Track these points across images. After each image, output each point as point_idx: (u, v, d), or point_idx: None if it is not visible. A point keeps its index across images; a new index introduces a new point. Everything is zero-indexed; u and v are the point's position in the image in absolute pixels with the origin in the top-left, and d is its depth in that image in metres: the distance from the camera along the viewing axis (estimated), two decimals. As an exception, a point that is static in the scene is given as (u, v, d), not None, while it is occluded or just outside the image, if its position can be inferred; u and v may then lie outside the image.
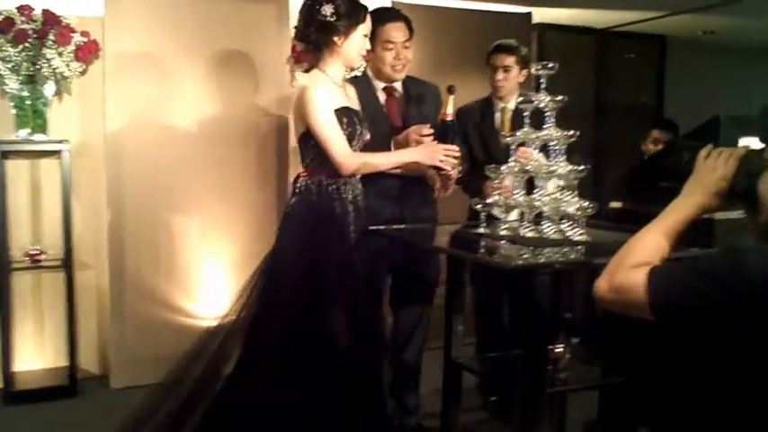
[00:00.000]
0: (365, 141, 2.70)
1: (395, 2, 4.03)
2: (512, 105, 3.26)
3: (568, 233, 2.32)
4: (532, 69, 2.52)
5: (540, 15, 4.85)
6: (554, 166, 2.37)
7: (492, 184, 2.61)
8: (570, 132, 2.38)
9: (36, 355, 3.73)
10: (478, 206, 2.56)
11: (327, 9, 2.51)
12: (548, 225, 2.35)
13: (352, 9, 2.56)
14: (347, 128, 2.56)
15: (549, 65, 2.43)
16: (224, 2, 3.81)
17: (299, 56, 3.68)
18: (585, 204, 2.32)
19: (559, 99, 2.40)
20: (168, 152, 3.72)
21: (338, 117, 2.54)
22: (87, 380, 3.72)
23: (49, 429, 3.23)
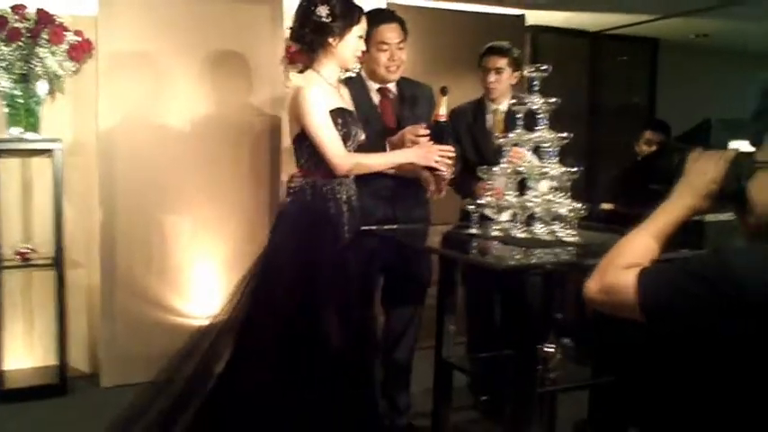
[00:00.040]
0: (360, 142, 2.70)
1: (389, 3, 4.04)
2: (504, 107, 3.26)
3: (560, 234, 2.33)
4: (526, 72, 2.52)
5: (534, 18, 4.87)
6: (546, 168, 2.38)
7: (484, 185, 2.62)
8: (563, 134, 2.39)
9: (26, 353, 3.72)
10: (471, 207, 2.57)
11: (323, 10, 2.51)
12: (539, 226, 2.36)
13: (348, 10, 2.56)
14: (342, 128, 2.56)
15: (543, 67, 2.44)
16: (218, 2, 3.81)
17: (293, 56, 3.69)
18: (577, 206, 2.33)
19: (553, 101, 2.41)
20: (161, 152, 3.71)
21: (333, 118, 2.54)
22: (77, 378, 3.71)
23: (39, 428, 3.22)
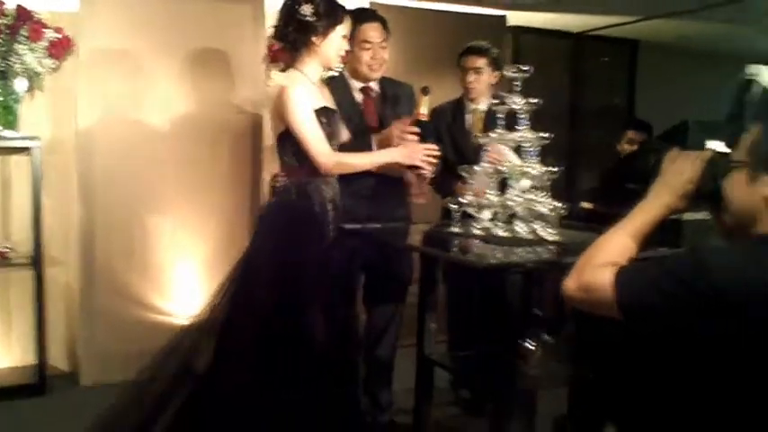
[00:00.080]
0: (344, 141, 2.70)
1: (372, 2, 4.04)
2: (483, 107, 3.28)
3: (541, 233, 2.35)
4: (507, 72, 2.54)
5: (515, 19, 4.90)
6: (527, 167, 2.41)
7: (465, 184, 2.64)
8: (544, 134, 2.41)
9: (4, 352, 3.68)
10: (452, 206, 2.58)
11: (307, 9, 2.52)
12: (520, 225, 2.39)
13: (331, 9, 2.57)
14: (326, 128, 2.57)
15: (524, 68, 2.46)
16: (199, 0, 3.79)
17: (275, 55, 3.68)
18: (558, 205, 2.36)
19: (534, 102, 2.43)
20: (141, 150, 3.69)
21: (317, 117, 2.55)
22: (56, 377, 3.67)
23: (18, 428, 3.18)
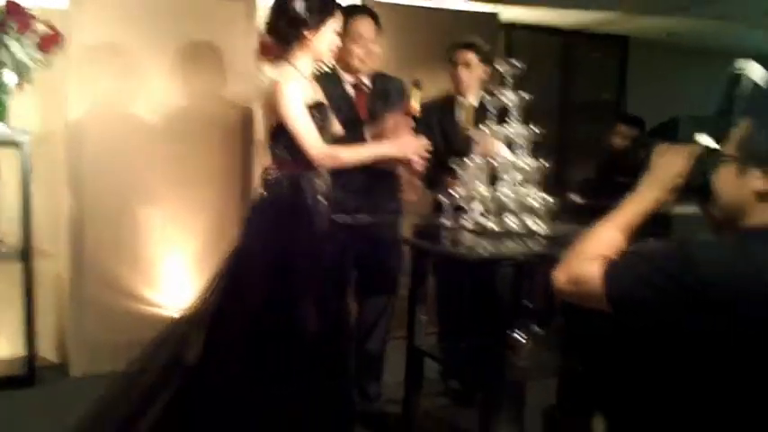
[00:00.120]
0: (336, 135, 2.71)
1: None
2: (474, 101, 3.29)
3: (531, 226, 2.37)
4: (499, 67, 2.56)
5: (508, 15, 4.91)
6: (518, 161, 2.43)
7: (455, 178, 2.65)
8: (535, 129, 2.43)
9: (-7, 344, 3.67)
10: (443, 199, 2.60)
11: (299, 3, 2.51)
12: (511, 218, 2.40)
13: (323, 4, 2.56)
14: (319, 122, 2.57)
15: (516, 64, 2.48)
16: (191, -6, 3.78)
17: (266, 49, 3.67)
18: (548, 198, 2.38)
19: (525, 97, 2.45)
20: (131, 144, 3.67)
21: (310, 111, 2.55)
22: (45, 368, 3.65)
23: (8, 420, 3.17)
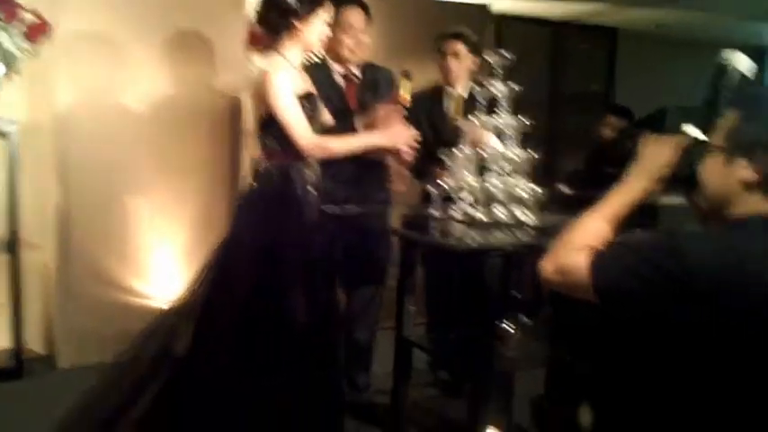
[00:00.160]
0: (326, 125, 2.70)
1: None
2: (462, 92, 3.29)
3: (519, 216, 2.38)
4: (489, 59, 2.55)
5: (498, 6, 4.90)
6: (507, 152, 2.43)
7: (444, 168, 2.65)
8: (524, 120, 2.43)
9: (-21, 336, 3.64)
10: (432, 189, 2.60)
11: None
12: (500, 208, 2.41)
13: None
14: (309, 112, 2.56)
15: (505, 54, 2.48)
16: (178, -18, 3.75)
17: (255, 39, 3.64)
18: (537, 189, 2.38)
19: (514, 88, 2.45)
20: (119, 133, 3.64)
21: (299, 101, 2.54)
22: (33, 360, 3.63)
23: (-5, 412, 3.17)
